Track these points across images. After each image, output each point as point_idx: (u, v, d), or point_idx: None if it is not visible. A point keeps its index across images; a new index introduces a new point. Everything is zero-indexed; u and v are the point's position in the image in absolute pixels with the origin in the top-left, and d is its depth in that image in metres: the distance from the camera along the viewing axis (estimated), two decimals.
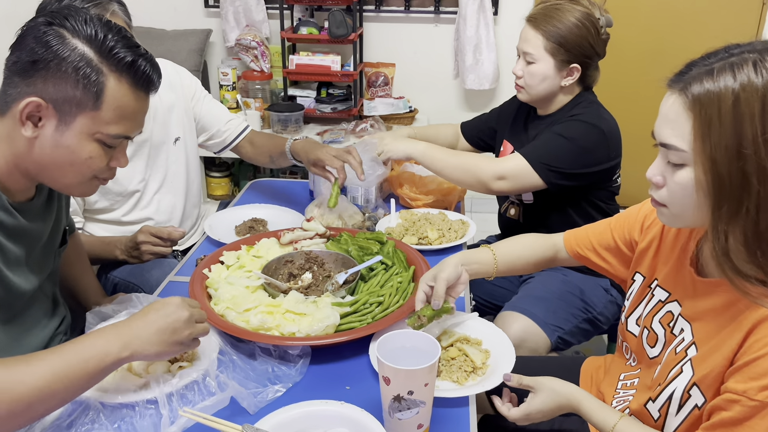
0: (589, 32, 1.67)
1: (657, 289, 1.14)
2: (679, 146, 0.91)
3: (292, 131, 3.00)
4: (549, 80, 1.70)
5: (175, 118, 1.84)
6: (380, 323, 1.23)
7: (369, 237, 1.54)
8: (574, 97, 1.75)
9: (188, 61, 3.17)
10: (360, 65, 3.23)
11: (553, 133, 1.68)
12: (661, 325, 1.11)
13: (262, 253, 1.49)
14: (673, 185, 0.95)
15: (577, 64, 1.68)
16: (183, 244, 1.93)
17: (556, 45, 1.66)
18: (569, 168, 1.64)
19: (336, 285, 1.37)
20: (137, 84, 1.06)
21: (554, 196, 1.75)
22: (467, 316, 1.30)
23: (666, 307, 1.11)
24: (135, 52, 1.05)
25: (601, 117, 1.69)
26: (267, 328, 1.21)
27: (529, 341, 1.62)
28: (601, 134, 1.66)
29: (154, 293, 1.45)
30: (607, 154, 1.68)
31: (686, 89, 0.90)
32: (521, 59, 1.74)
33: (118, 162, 1.13)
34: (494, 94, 3.35)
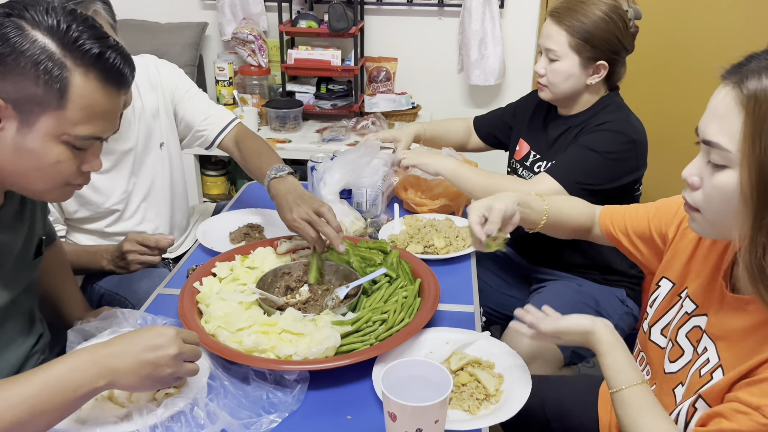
0: (617, 26, 1.56)
1: (686, 300, 1.06)
2: (724, 145, 0.83)
3: (291, 128, 2.90)
4: (574, 78, 1.60)
5: (160, 122, 1.73)
6: (384, 344, 1.14)
7: (372, 246, 1.45)
8: (600, 99, 1.65)
9: (183, 56, 3.06)
10: (361, 60, 3.12)
11: (583, 147, 1.57)
12: (689, 341, 1.02)
13: (258, 264, 1.40)
14: (711, 188, 0.87)
15: (604, 60, 1.58)
16: (174, 251, 1.83)
17: (581, 41, 1.55)
18: (600, 184, 1.55)
19: (336, 300, 1.28)
20: (107, 79, 0.96)
21: None
22: (478, 335, 1.21)
23: (693, 320, 1.03)
24: (103, 43, 0.94)
25: (630, 124, 1.59)
26: (261, 350, 1.11)
27: (542, 356, 1.52)
28: (632, 143, 1.56)
29: (141, 307, 1.35)
30: (635, 163, 1.58)
31: (742, 83, 0.82)
32: (543, 56, 1.64)
33: (91, 166, 1.02)
34: (500, 90, 3.24)
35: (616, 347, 1.02)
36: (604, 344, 1.03)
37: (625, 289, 1.70)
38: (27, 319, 1.21)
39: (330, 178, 1.63)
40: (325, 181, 1.63)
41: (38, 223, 1.20)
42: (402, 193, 1.79)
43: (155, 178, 1.72)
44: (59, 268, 1.44)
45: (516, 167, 1.80)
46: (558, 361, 1.55)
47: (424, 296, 1.28)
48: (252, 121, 2.87)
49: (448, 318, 1.30)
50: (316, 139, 2.84)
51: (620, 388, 0.99)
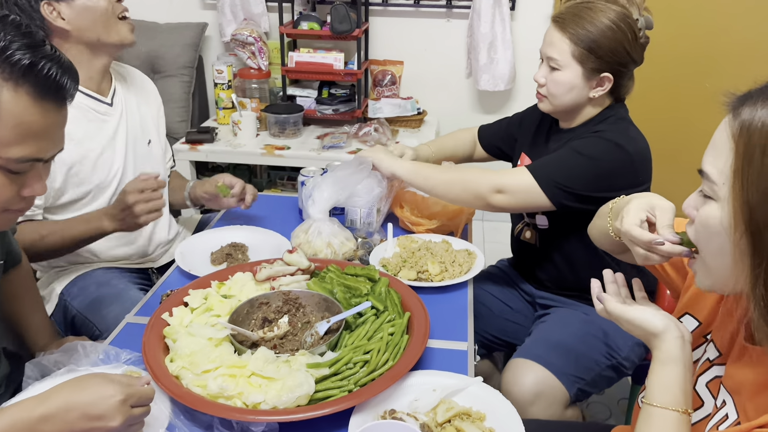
0: (626, 36, 1.42)
1: (710, 345, 0.95)
2: (712, 176, 0.79)
3: (291, 134, 2.79)
4: (576, 90, 1.47)
5: (150, 119, 1.70)
6: (364, 392, 1.03)
7: (359, 273, 1.33)
8: (602, 110, 1.52)
9: (182, 57, 2.96)
10: (365, 63, 3.01)
11: (570, 148, 1.46)
12: (709, 392, 0.92)
13: (235, 291, 1.29)
14: (698, 222, 0.82)
15: (609, 73, 1.45)
16: (159, 260, 1.74)
17: (585, 51, 1.42)
18: (583, 190, 1.42)
19: (316, 337, 1.17)
20: (42, 93, 0.86)
21: (571, 223, 1.53)
22: (469, 381, 1.09)
23: (714, 369, 0.93)
24: (36, 52, 0.84)
25: (628, 137, 1.46)
26: (228, 396, 1.01)
27: (546, 394, 1.40)
28: (627, 157, 1.43)
29: (108, 337, 1.25)
30: (633, 179, 1.44)
31: (737, 112, 0.77)
32: (544, 64, 1.51)
33: (33, 190, 0.92)
34: (510, 95, 3.11)
35: (676, 363, 0.90)
36: (663, 353, 0.91)
37: None
38: None
39: (319, 195, 1.52)
40: (314, 199, 1.52)
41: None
42: (398, 210, 1.68)
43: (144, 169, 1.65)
44: (25, 292, 1.35)
45: None
46: (564, 400, 1.43)
47: (413, 333, 1.17)
48: (251, 127, 2.77)
49: (438, 357, 1.19)
50: (316, 146, 2.73)
51: (655, 404, 0.88)
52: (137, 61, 2.95)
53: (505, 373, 1.47)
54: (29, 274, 1.38)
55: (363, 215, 1.64)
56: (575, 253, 1.57)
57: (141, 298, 1.42)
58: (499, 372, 1.96)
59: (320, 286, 1.29)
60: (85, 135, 1.52)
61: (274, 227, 1.64)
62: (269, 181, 3.14)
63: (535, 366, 1.42)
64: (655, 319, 0.93)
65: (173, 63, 2.96)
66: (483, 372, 1.87)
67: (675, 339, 0.91)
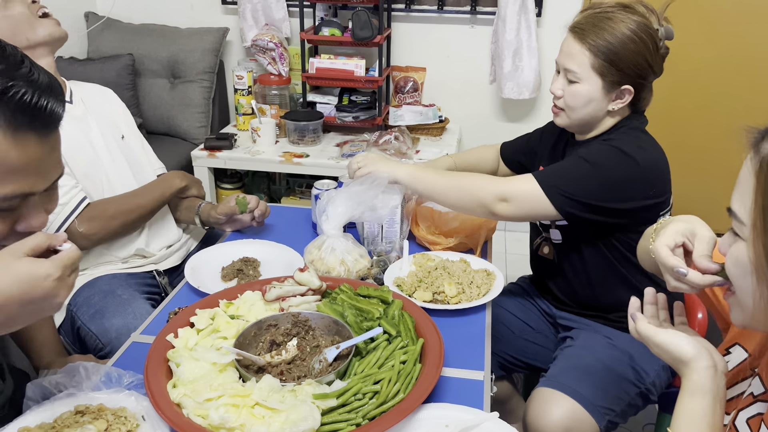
0: (647, 47, 1.36)
1: (756, 379, 0.88)
2: (739, 215, 0.77)
3: (310, 141, 2.75)
4: (595, 103, 1.41)
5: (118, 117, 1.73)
6: (373, 426, 0.97)
7: (372, 294, 1.28)
8: (618, 121, 1.46)
9: (202, 62, 2.95)
10: (387, 69, 2.96)
11: (576, 156, 1.40)
12: (749, 429, 0.86)
13: (243, 312, 1.25)
14: (729, 261, 0.80)
15: (630, 85, 1.39)
16: (162, 263, 1.71)
17: (606, 63, 1.36)
18: (588, 198, 1.35)
19: (324, 363, 1.12)
20: (16, 124, 0.75)
21: (584, 237, 1.47)
22: (485, 416, 1.03)
23: (757, 406, 0.86)
24: (6, 74, 0.74)
25: (639, 146, 1.39)
26: (229, 428, 0.96)
27: (575, 429, 1.33)
28: (635, 166, 1.36)
29: (109, 356, 1.22)
30: (642, 190, 1.38)
31: (758, 148, 0.75)
32: (561, 76, 1.45)
33: (28, 225, 0.84)
34: (534, 104, 3.04)
35: (705, 394, 0.85)
36: (692, 383, 0.86)
37: None
38: None
39: (333, 211, 1.47)
40: (327, 215, 1.47)
41: None
42: (414, 228, 1.62)
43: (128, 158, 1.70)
44: None
45: None
46: None
47: (426, 362, 1.11)
48: (270, 134, 2.75)
49: (453, 387, 1.13)
50: (335, 153, 2.69)
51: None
52: (158, 66, 2.95)
53: (531, 404, 1.40)
54: None
55: (385, 233, 1.58)
56: (591, 270, 1.50)
57: (146, 309, 1.39)
58: (518, 394, 1.90)
59: (331, 308, 1.24)
60: None
61: (287, 241, 1.60)
62: (288, 188, 3.10)
63: (563, 398, 1.35)
64: (686, 344, 0.88)
65: (193, 68, 2.94)
66: (502, 394, 1.81)
67: (706, 369, 0.86)
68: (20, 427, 0.98)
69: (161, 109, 2.94)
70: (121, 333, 1.37)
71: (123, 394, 1.05)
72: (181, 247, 1.77)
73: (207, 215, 1.69)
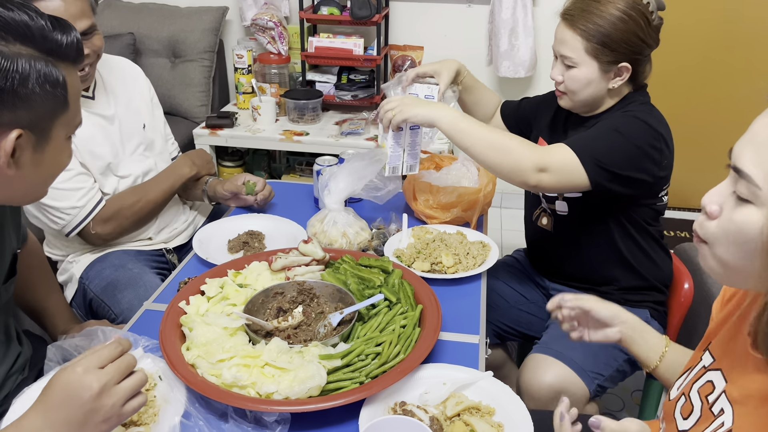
0: (638, 24, 1.40)
1: (705, 353, 0.94)
2: (754, 178, 0.70)
3: (309, 120, 2.80)
4: (594, 84, 1.45)
5: (141, 104, 1.73)
6: (374, 384, 1.04)
7: (373, 265, 1.35)
8: (622, 98, 1.51)
9: (202, 42, 2.98)
10: (385, 48, 2.99)
11: (608, 127, 1.42)
12: (699, 397, 0.90)
13: (251, 281, 1.31)
14: (728, 222, 0.74)
15: (627, 62, 1.43)
16: (171, 242, 1.77)
17: (598, 46, 1.40)
18: (621, 169, 1.38)
19: (329, 328, 1.19)
20: (76, 61, 0.93)
21: (591, 211, 1.52)
22: (480, 375, 1.10)
23: (708, 375, 0.90)
24: (62, 28, 0.89)
25: (654, 117, 1.44)
26: (241, 385, 1.03)
27: (566, 392, 1.40)
28: (658, 137, 1.41)
29: (124, 325, 1.28)
30: (660, 160, 1.43)
31: None
32: (558, 62, 1.49)
33: None
34: (530, 83, 3.08)
35: None
36: None
37: (648, 310, 1.57)
38: (4, 337, 1.15)
39: (335, 186, 1.53)
40: (329, 189, 1.53)
41: (8, 238, 1.13)
42: (412, 202, 1.68)
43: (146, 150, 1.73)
44: (38, 278, 1.38)
45: None
46: (584, 397, 1.43)
47: (425, 326, 1.18)
48: (270, 112, 2.79)
49: (450, 349, 1.20)
50: (334, 132, 2.74)
51: None
52: (158, 45, 2.98)
53: (523, 369, 1.47)
54: (42, 260, 1.41)
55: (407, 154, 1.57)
56: (590, 244, 1.56)
57: (156, 283, 1.45)
58: (512, 361, 1.97)
59: (334, 277, 1.31)
60: None
61: (290, 215, 1.66)
62: (288, 166, 3.15)
63: (555, 362, 1.42)
64: None
65: (194, 47, 2.97)
66: (496, 361, 1.89)
67: None
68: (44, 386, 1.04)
69: (162, 88, 2.96)
70: (133, 304, 1.43)
71: (140, 356, 1.12)
72: (188, 226, 1.83)
73: (213, 191, 1.74)
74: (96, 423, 0.80)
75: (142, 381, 0.85)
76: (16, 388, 1.15)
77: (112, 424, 0.82)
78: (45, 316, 1.38)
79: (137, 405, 0.84)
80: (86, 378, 0.79)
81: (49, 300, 1.39)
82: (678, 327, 1.66)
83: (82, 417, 0.79)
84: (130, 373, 0.84)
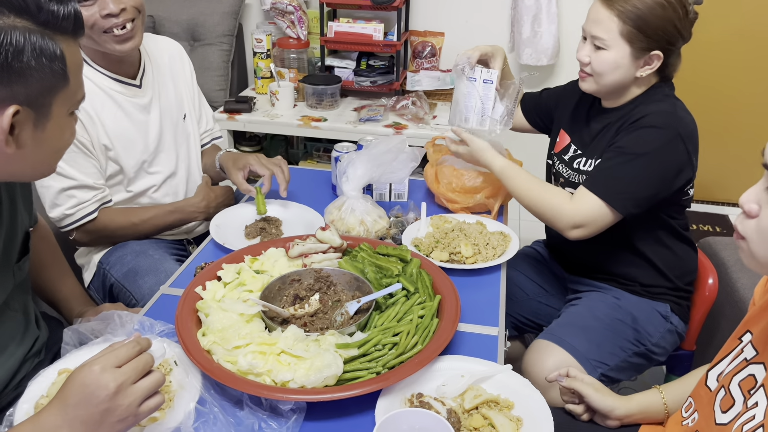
0: (675, 12, 1.36)
1: (748, 346, 0.92)
2: None
3: (328, 105, 2.77)
4: (622, 69, 1.41)
5: (184, 91, 1.71)
6: (391, 375, 1.03)
7: (391, 253, 1.33)
8: (647, 90, 1.46)
9: (221, 25, 2.96)
10: (405, 34, 2.95)
11: (623, 153, 1.38)
12: (741, 390, 0.89)
13: (267, 267, 1.30)
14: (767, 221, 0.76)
15: (659, 51, 1.39)
16: (193, 232, 1.76)
17: (634, 29, 1.36)
18: (647, 189, 1.37)
19: (346, 316, 1.17)
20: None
21: None
22: (498, 368, 1.08)
23: (749, 368, 0.90)
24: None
25: (676, 115, 1.40)
26: (257, 373, 1.02)
27: None
28: (677, 138, 1.37)
29: (141, 310, 1.28)
30: (687, 160, 1.39)
31: None
32: (587, 43, 1.44)
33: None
34: (553, 70, 3.02)
35: None
36: None
37: (669, 304, 1.54)
38: (20, 323, 1.15)
39: (353, 172, 1.50)
40: (347, 176, 1.51)
41: (20, 216, 1.11)
42: (434, 185, 1.66)
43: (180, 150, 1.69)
44: (51, 261, 1.37)
45: (554, 161, 1.64)
46: None
47: (443, 317, 1.16)
48: (288, 97, 2.77)
49: (468, 341, 1.18)
50: (353, 118, 2.71)
51: None
52: (178, 28, 2.96)
53: (528, 353, 1.46)
54: (53, 243, 1.40)
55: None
56: (610, 241, 1.51)
57: (176, 269, 1.44)
58: None
59: (351, 265, 1.29)
60: (115, 119, 1.53)
61: (308, 202, 1.65)
62: (305, 152, 3.14)
63: (556, 349, 1.41)
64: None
65: (213, 31, 2.95)
66: (514, 353, 1.86)
67: None
68: (60, 369, 1.04)
69: None
70: (153, 290, 1.43)
71: (156, 341, 1.11)
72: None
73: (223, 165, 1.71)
74: (111, 423, 0.80)
75: (159, 381, 0.84)
76: (33, 370, 1.15)
77: (128, 424, 0.82)
78: (59, 300, 1.38)
79: (154, 405, 0.83)
80: (103, 377, 0.79)
81: (63, 283, 1.39)
82: (701, 322, 1.63)
83: (99, 416, 0.79)
84: (149, 372, 0.83)
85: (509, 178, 1.50)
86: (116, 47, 1.46)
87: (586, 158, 1.53)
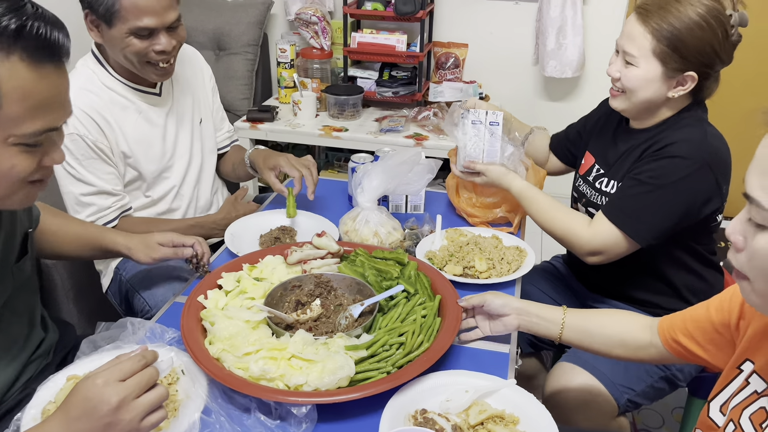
0: (715, 34, 1.28)
1: (753, 376, 0.89)
2: (762, 202, 0.70)
3: (349, 116, 2.79)
4: (653, 88, 1.34)
5: (202, 97, 1.73)
6: (401, 374, 1.03)
7: (388, 257, 1.33)
8: (678, 112, 1.39)
9: (247, 35, 2.99)
10: (428, 45, 2.96)
11: (644, 182, 1.33)
12: (752, 425, 0.86)
13: (266, 275, 1.30)
14: (752, 251, 0.73)
15: (694, 72, 1.32)
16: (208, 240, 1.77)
17: (667, 49, 1.29)
18: (668, 221, 1.33)
19: (350, 320, 1.17)
20: (36, 57, 0.80)
21: None
22: (503, 383, 1.06)
23: (761, 401, 0.86)
24: (18, 12, 0.78)
25: (705, 144, 1.32)
26: (270, 378, 1.02)
27: (593, 404, 1.35)
28: (705, 168, 1.30)
29: (154, 317, 1.29)
30: (715, 189, 1.33)
31: None
32: (619, 58, 1.38)
33: (52, 159, 0.90)
34: (577, 83, 2.99)
35: None
36: None
37: None
38: (23, 325, 1.15)
39: (368, 184, 1.50)
40: (363, 187, 1.51)
41: (19, 218, 1.11)
42: (454, 198, 1.65)
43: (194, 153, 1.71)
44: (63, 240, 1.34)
45: (579, 183, 1.60)
46: (611, 411, 1.37)
47: (445, 315, 1.16)
48: (310, 107, 2.79)
49: (480, 359, 1.16)
50: (374, 128, 2.72)
51: None
52: (204, 38, 3.01)
53: (551, 377, 1.43)
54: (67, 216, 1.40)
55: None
56: (633, 266, 1.47)
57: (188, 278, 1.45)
58: (546, 371, 1.92)
59: (351, 269, 1.29)
60: (135, 126, 1.56)
61: (324, 212, 1.65)
62: (327, 162, 3.15)
63: (582, 372, 1.37)
64: None
65: (238, 40, 2.99)
66: (530, 370, 1.84)
67: None
68: (69, 375, 1.05)
69: None
70: (167, 297, 1.44)
71: (164, 349, 1.12)
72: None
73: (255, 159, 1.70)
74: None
75: (162, 396, 0.84)
76: (39, 373, 1.16)
77: None
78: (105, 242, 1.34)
79: (156, 420, 0.83)
80: (105, 391, 0.79)
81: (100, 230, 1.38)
82: None
83: (100, 430, 0.79)
84: (153, 386, 0.83)
85: (528, 200, 1.50)
86: (155, 78, 1.50)
87: (608, 179, 1.49)
